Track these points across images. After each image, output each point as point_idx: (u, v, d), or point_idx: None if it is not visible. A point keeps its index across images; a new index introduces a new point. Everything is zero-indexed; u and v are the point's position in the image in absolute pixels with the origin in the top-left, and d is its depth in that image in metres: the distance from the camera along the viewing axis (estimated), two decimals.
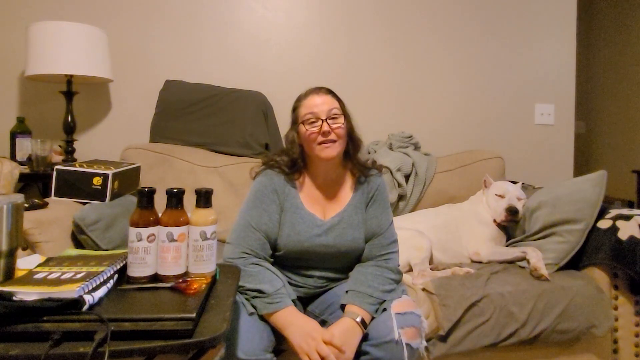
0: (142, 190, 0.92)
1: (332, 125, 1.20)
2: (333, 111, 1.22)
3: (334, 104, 1.24)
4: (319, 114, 1.21)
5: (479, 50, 2.53)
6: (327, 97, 1.25)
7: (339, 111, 1.23)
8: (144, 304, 0.79)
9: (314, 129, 1.20)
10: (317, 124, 1.20)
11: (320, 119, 1.20)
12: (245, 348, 1.03)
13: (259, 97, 2.17)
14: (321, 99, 1.23)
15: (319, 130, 1.20)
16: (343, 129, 1.23)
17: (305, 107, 1.24)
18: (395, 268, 1.26)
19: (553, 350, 1.51)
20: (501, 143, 2.52)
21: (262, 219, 1.22)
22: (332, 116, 1.21)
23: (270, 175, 1.27)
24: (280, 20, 2.32)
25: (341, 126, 1.22)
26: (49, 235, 1.27)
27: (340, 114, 1.23)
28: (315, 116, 1.21)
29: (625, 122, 3.85)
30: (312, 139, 1.21)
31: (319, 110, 1.21)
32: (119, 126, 2.17)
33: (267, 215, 1.23)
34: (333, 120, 1.21)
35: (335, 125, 1.21)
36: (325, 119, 1.20)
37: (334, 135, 1.20)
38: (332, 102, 1.24)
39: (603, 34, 4.10)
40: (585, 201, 1.61)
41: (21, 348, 0.66)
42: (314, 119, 1.21)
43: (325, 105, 1.22)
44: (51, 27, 1.79)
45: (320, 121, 1.20)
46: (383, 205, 1.32)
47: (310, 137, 1.21)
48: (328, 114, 1.21)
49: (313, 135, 1.21)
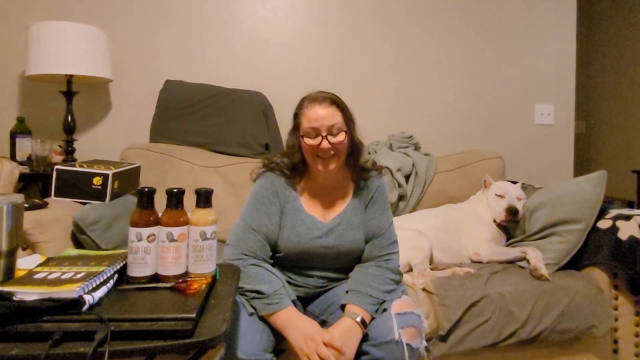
0: (142, 190, 0.92)
1: (332, 141, 1.18)
2: (335, 126, 1.18)
3: (336, 118, 1.19)
4: (320, 129, 1.17)
5: (479, 50, 2.53)
6: (330, 110, 1.19)
7: (341, 126, 1.20)
8: (144, 304, 0.79)
9: (314, 144, 1.18)
10: (318, 138, 1.18)
11: (320, 135, 1.18)
12: (245, 348, 1.03)
13: (259, 97, 2.17)
14: (324, 111, 1.18)
15: (319, 146, 1.18)
16: (344, 144, 1.21)
17: (306, 119, 1.20)
18: (395, 269, 1.26)
19: (553, 350, 1.51)
20: (501, 143, 2.52)
21: (262, 221, 1.22)
22: (334, 132, 1.18)
23: (271, 177, 1.26)
24: (280, 20, 2.32)
25: (342, 141, 1.19)
26: (49, 235, 1.27)
27: (342, 129, 1.20)
28: (315, 132, 1.18)
29: (625, 122, 3.84)
30: (312, 153, 1.20)
31: (320, 125, 1.17)
32: (119, 126, 2.17)
33: (267, 217, 1.23)
34: (334, 136, 1.18)
35: (335, 140, 1.18)
36: (326, 135, 1.17)
37: (334, 150, 1.19)
38: (334, 115, 1.19)
39: (603, 34, 4.10)
40: (585, 201, 1.62)
41: (21, 348, 0.66)
42: (314, 133, 1.18)
43: (326, 120, 1.18)
44: (51, 27, 1.79)
45: (321, 137, 1.17)
46: (383, 206, 1.31)
47: (310, 151, 1.20)
48: (329, 130, 1.18)
49: (313, 149, 1.19)
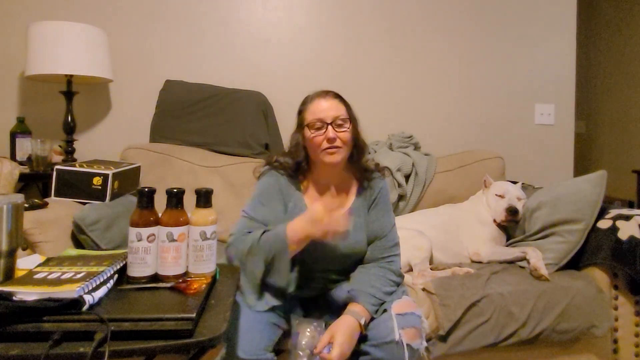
0: (142, 190, 0.92)
1: (338, 131, 1.19)
2: (340, 117, 1.20)
3: (341, 109, 1.22)
4: (325, 119, 1.19)
5: (479, 50, 2.53)
6: (334, 102, 1.22)
7: (345, 117, 1.21)
8: (144, 304, 0.80)
9: (319, 134, 1.19)
10: (323, 129, 1.19)
11: (326, 123, 1.19)
12: (246, 347, 1.04)
13: (259, 97, 2.17)
14: (328, 103, 1.21)
15: (324, 136, 1.18)
16: (349, 135, 1.21)
17: (311, 112, 1.22)
18: (397, 271, 1.26)
19: (553, 350, 1.51)
20: (501, 143, 2.52)
21: (267, 216, 1.21)
22: (338, 122, 1.19)
23: (276, 175, 1.26)
24: (280, 20, 2.32)
25: (347, 131, 1.21)
26: (49, 235, 1.27)
27: (347, 120, 1.21)
28: (321, 121, 1.19)
29: (625, 122, 3.84)
30: (317, 144, 1.20)
31: (325, 115, 1.19)
32: (119, 126, 2.17)
33: (273, 214, 1.22)
34: (339, 126, 1.19)
35: (340, 130, 1.19)
36: (331, 123, 1.18)
37: (339, 142, 1.19)
38: (338, 107, 1.22)
39: (603, 34, 4.10)
40: (585, 201, 1.61)
41: (21, 348, 0.66)
42: (319, 123, 1.19)
43: (331, 111, 1.20)
44: (51, 27, 1.79)
45: (326, 126, 1.18)
46: (385, 208, 1.31)
47: (315, 142, 1.20)
48: (334, 120, 1.19)
49: (318, 140, 1.19)
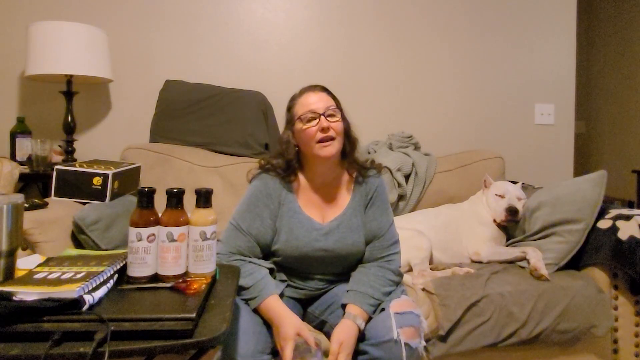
0: (142, 190, 0.92)
1: (331, 121, 1.19)
2: (330, 108, 1.20)
3: (330, 101, 1.23)
4: (317, 110, 1.19)
5: (479, 50, 2.53)
6: (323, 95, 1.23)
7: (335, 108, 1.21)
8: (144, 304, 0.79)
9: (311, 125, 1.18)
10: (315, 120, 1.18)
11: (318, 114, 1.18)
12: (242, 350, 1.03)
13: (259, 97, 2.17)
14: (317, 96, 1.22)
15: (318, 127, 1.17)
16: (341, 125, 1.21)
17: (301, 105, 1.22)
18: (396, 270, 1.25)
19: (553, 350, 1.51)
20: (501, 143, 2.52)
21: (253, 223, 1.21)
22: (330, 112, 1.19)
23: (266, 179, 1.25)
24: (280, 20, 2.32)
25: (339, 121, 1.21)
26: (49, 235, 1.27)
27: (337, 111, 1.22)
28: (312, 112, 1.19)
29: (625, 122, 3.84)
30: (310, 137, 1.18)
31: (316, 107, 1.19)
32: (119, 126, 2.17)
33: (259, 220, 1.21)
34: (331, 116, 1.19)
35: (333, 120, 1.19)
36: (323, 113, 1.18)
37: (333, 132, 1.18)
38: (328, 99, 1.23)
39: (603, 34, 4.10)
40: (585, 201, 1.61)
41: (21, 348, 0.66)
42: (311, 114, 1.19)
43: (321, 103, 1.20)
44: (51, 27, 1.79)
45: (318, 117, 1.18)
46: (382, 207, 1.30)
47: (309, 134, 1.18)
48: (325, 110, 1.19)
49: (311, 132, 1.18)
